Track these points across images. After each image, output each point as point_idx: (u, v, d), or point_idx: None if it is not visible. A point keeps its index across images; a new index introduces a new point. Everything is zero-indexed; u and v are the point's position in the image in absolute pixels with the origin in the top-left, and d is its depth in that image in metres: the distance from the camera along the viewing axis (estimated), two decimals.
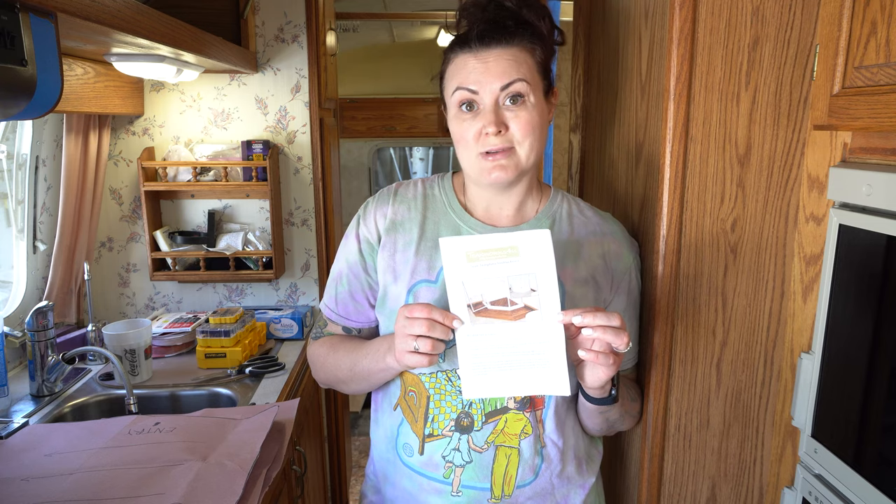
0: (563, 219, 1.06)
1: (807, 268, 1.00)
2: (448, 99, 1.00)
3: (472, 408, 1.00)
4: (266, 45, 2.03)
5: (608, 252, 1.04)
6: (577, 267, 1.02)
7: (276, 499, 1.27)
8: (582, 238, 1.04)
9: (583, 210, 1.08)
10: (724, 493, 1.14)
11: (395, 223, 1.06)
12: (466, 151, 0.98)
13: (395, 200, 1.08)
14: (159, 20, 1.24)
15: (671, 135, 1.02)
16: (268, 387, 1.62)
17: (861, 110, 0.78)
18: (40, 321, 1.53)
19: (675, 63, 0.99)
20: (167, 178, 2.00)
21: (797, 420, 0.99)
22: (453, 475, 1.01)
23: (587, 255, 1.03)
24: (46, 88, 0.90)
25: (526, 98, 0.96)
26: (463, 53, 0.98)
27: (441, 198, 1.08)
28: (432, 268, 1.02)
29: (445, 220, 1.05)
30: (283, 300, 2.18)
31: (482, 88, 0.96)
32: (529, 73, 0.96)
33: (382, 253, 1.06)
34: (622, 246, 1.05)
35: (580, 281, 1.01)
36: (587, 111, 1.55)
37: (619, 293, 1.05)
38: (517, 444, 1.00)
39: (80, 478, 1.12)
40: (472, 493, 1.00)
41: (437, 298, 1.00)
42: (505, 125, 0.95)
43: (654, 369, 1.09)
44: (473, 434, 1.00)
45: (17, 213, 1.72)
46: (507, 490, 1.01)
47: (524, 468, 1.01)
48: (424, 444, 1.02)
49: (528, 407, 1.00)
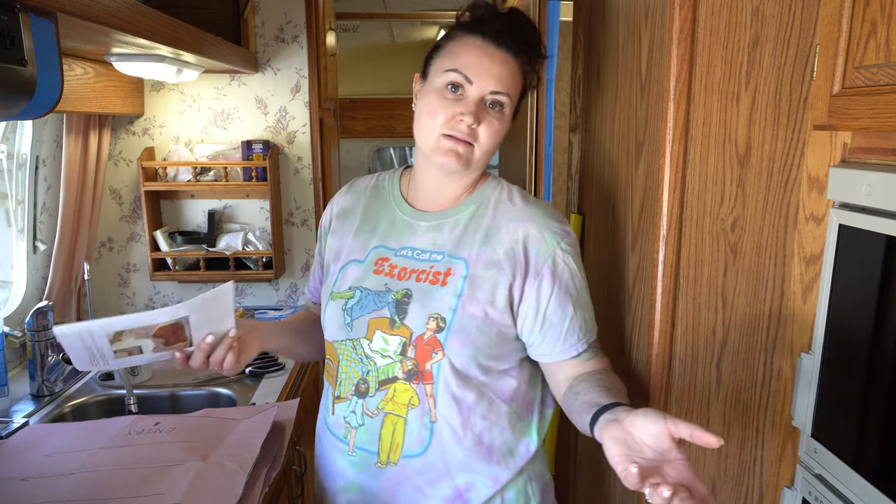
0: (490, 205, 1.08)
1: (807, 268, 1.00)
2: (436, 73, 1.03)
3: (369, 375, 1.05)
4: (266, 45, 2.03)
5: (528, 237, 1.04)
6: (485, 250, 1.04)
7: (276, 499, 1.27)
8: (500, 223, 1.06)
9: (512, 197, 1.09)
10: (724, 493, 1.14)
11: (345, 210, 1.18)
12: (432, 125, 1.01)
13: (348, 191, 1.21)
14: (159, 20, 1.24)
15: (671, 135, 1.02)
16: (268, 387, 1.62)
17: (861, 110, 0.78)
18: (40, 321, 1.53)
19: (675, 63, 0.99)
20: (167, 178, 2.00)
21: (797, 420, 0.99)
22: (350, 436, 1.07)
23: (502, 240, 1.04)
24: (46, 88, 0.90)
25: (503, 111, 1.03)
26: (472, 38, 1.01)
27: (387, 188, 1.17)
28: (364, 249, 1.11)
29: (386, 209, 1.14)
30: (283, 300, 2.18)
31: (478, 82, 0.99)
32: (515, 91, 1.03)
33: (331, 237, 1.18)
34: (543, 230, 1.04)
35: (486, 263, 1.03)
36: (587, 111, 1.55)
37: (543, 279, 1.03)
38: (404, 414, 1.03)
39: (80, 478, 1.12)
40: (363, 454, 1.06)
41: (360, 275, 1.09)
42: (479, 121, 1.00)
43: (654, 369, 1.09)
44: (368, 399, 1.05)
45: (17, 213, 1.72)
46: (394, 458, 1.04)
47: (410, 439, 1.04)
48: (334, 405, 1.10)
49: (414, 378, 1.02)
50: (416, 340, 1.02)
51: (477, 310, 1.01)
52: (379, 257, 1.09)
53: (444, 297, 1.02)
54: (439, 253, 1.05)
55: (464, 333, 1.01)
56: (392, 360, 1.03)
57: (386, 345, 1.04)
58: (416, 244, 1.08)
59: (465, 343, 1.01)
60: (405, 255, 1.07)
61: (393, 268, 1.07)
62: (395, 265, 1.07)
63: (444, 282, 1.03)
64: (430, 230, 1.08)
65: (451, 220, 1.08)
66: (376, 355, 1.04)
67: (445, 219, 1.08)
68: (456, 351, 1.01)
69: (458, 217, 1.07)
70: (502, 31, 1.01)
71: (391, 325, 1.04)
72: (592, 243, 1.49)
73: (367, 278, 1.08)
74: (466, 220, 1.07)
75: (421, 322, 1.02)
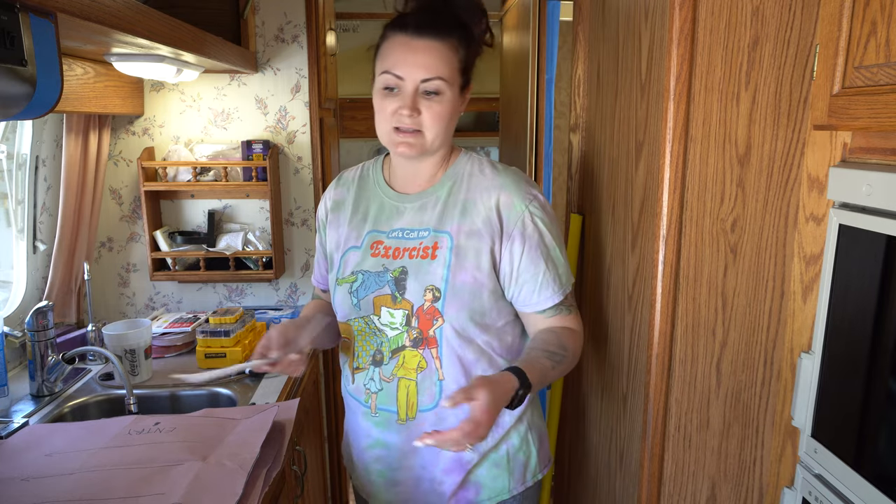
0: (464, 179, 1.18)
1: (807, 268, 1.00)
2: (377, 75, 1.12)
3: (382, 346, 1.17)
4: (266, 45, 2.03)
5: (500, 203, 1.14)
6: (464, 222, 1.14)
7: (276, 499, 1.27)
8: (475, 195, 1.15)
9: (483, 169, 1.18)
10: (724, 493, 1.14)
11: (337, 203, 1.28)
12: (383, 123, 1.12)
13: (337, 185, 1.31)
14: (159, 20, 1.24)
15: (671, 135, 1.02)
16: (268, 387, 1.62)
17: (861, 110, 0.78)
18: (40, 321, 1.53)
19: (675, 63, 0.99)
20: (167, 178, 2.00)
21: (797, 420, 0.99)
22: (371, 400, 1.19)
23: (478, 210, 1.14)
24: (46, 88, 0.90)
25: (441, 94, 1.09)
26: (397, 35, 1.09)
27: (372, 176, 1.26)
28: (359, 236, 1.21)
29: (372, 194, 1.24)
30: (283, 300, 2.18)
31: (406, 76, 1.08)
32: (450, 71, 1.09)
33: (329, 229, 1.28)
34: (513, 196, 1.14)
35: (468, 234, 1.13)
36: (587, 111, 1.55)
37: (514, 240, 1.13)
38: (415, 378, 1.15)
39: (80, 478, 1.12)
40: (386, 414, 1.18)
41: (359, 260, 1.19)
42: (418, 110, 1.08)
43: (654, 369, 1.09)
44: (383, 367, 1.17)
45: (17, 213, 1.72)
46: (412, 414, 1.16)
47: (423, 396, 1.15)
48: (354, 375, 1.22)
49: (420, 344, 1.14)
50: (418, 311, 1.13)
51: (466, 277, 1.12)
52: (374, 241, 1.20)
53: (436, 270, 1.13)
54: (425, 230, 1.16)
55: (458, 299, 1.11)
56: (399, 330, 1.15)
57: (392, 318, 1.15)
58: (404, 224, 1.18)
59: (460, 308, 1.12)
60: (396, 235, 1.18)
61: (388, 249, 1.17)
62: (389, 246, 1.17)
63: (433, 255, 1.14)
64: (415, 210, 1.18)
65: (432, 198, 1.18)
66: (386, 328, 1.16)
67: (426, 198, 1.18)
68: (454, 315, 1.12)
69: (438, 195, 1.17)
70: (422, 20, 1.08)
71: (393, 300, 1.15)
72: (592, 243, 1.49)
73: (366, 261, 1.19)
74: (445, 196, 1.17)
75: (419, 294, 1.13)
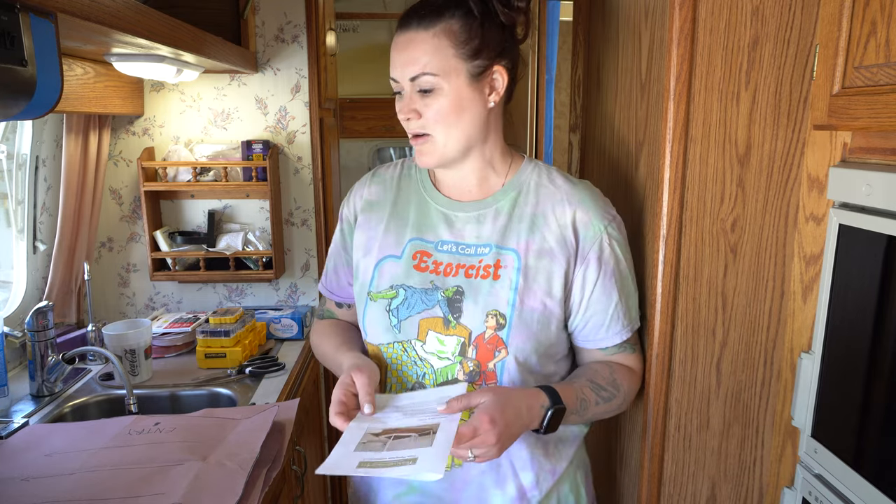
0: (531, 189, 1.04)
1: (807, 268, 1.00)
2: None
3: (425, 378, 1.01)
4: (266, 45, 2.03)
5: (577, 220, 1.01)
6: (534, 239, 1.00)
7: (276, 499, 1.27)
8: (547, 209, 1.02)
9: (553, 179, 1.05)
10: (724, 493, 1.14)
11: (371, 203, 1.11)
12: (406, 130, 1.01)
13: (372, 181, 1.14)
14: (159, 20, 1.24)
15: (671, 135, 1.02)
16: (268, 387, 1.62)
17: (861, 110, 0.78)
18: (40, 321, 1.53)
19: (675, 63, 0.99)
20: (167, 178, 2.00)
21: (797, 420, 0.99)
22: None
23: (550, 226, 1.01)
24: (46, 88, 0.90)
25: (437, 90, 0.96)
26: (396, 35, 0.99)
27: (416, 177, 1.11)
28: (399, 243, 1.05)
29: (416, 198, 1.09)
30: (283, 300, 2.18)
31: (399, 78, 0.98)
32: (440, 61, 0.94)
33: (358, 231, 1.11)
34: (591, 214, 1.01)
35: (537, 253, 1.00)
36: (587, 111, 1.55)
37: (589, 264, 1.01)
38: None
39: (80, 478, 1.12)
40: None
41: (400, 272, 1.03)
42: (416, 112, 0.97)
43: (654, 369, 1.09)
44: None
45: (17, 213, 1.71)
46: (458, 460, 0.99)
47: None
48: None
49: (477, 379, 0.99)
50: (477, 339, 0.98)
51: (535, 302, 0.98)
52: (417, 251, 1.04)
53: (500, 292, 0.98)
54: (485, 245, 1.01)
55: (526, 328, 0.97)
56: (451, 361, 0.99)
57: (442, 346, 0.99)
58: (457, 238, 1.03)
59: (527, 338, 0.97)
60: (448, 249, 1.02)
61: (437, 264, 1.02)
62: (439, 261, 1.02)
63: (496, 275, 0.99)
64: (471, 221, 1.03)
65: (492, 209, 1.03)
66: (432, 357, 1.00)
67: (485, 208, 1.03)
68: (519, 347, 0.97)
69: (499, 206, 1.03)
70: (408, 11, 0.97)
71: (446, 325, 0.99)
72: None
73: (410, 276, 1.03)
74: (509, 207, 1.02)
75: (479, 320, 0.98)
